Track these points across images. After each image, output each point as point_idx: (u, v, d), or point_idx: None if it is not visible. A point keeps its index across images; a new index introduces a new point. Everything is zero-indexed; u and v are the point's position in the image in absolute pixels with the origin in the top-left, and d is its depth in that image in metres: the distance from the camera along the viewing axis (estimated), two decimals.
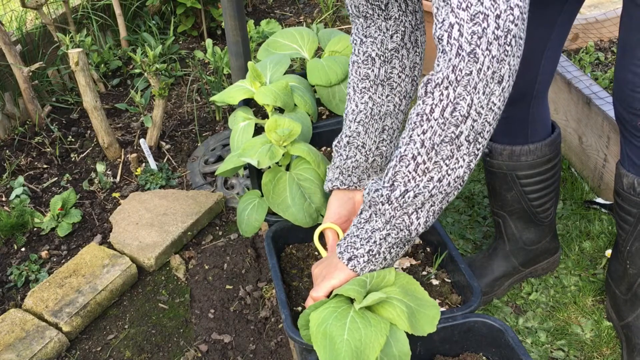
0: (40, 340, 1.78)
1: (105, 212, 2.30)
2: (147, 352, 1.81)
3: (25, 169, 2.52)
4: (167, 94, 2.42)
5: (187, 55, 3.26)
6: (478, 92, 0.98)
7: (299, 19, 3.54)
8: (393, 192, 1.07)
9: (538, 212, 1.74)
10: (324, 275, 1.19)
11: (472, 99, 0.99)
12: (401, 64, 1.33)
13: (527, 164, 1.65)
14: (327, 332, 1.05)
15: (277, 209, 1.43)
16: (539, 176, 1.68)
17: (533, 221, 1.77)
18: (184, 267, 2.05)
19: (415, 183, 1.05)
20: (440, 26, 0.97)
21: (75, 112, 2.85)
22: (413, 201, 1.06)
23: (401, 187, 1.06)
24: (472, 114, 1.00)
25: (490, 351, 1.25)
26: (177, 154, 2.58)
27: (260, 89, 1.71)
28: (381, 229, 1.11)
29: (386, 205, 1.08)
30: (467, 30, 0.94)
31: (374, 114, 1.36)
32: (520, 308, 1.81)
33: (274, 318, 1.85)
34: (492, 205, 1.80)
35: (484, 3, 0.93)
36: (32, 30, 2.88)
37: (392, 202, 1.07)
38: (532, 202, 1.72)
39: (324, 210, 1.43)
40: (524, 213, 1.75)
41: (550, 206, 1.75)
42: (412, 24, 1.31)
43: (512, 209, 1.75)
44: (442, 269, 1.42)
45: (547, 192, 1.72)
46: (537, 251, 1.83)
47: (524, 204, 1.72)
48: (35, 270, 2.07)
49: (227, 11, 2.20)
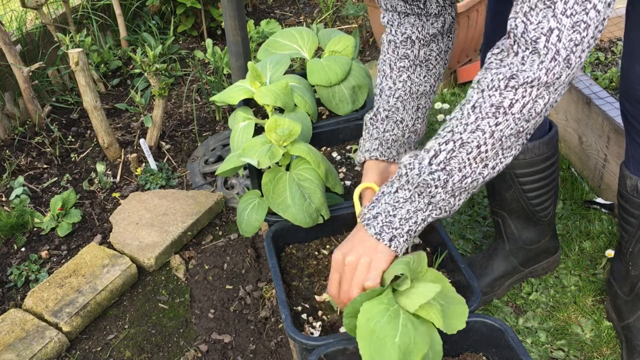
0: (40, 340, 1.78)
1: (105, 212, 2.30)
2: (147, 352, 1.81)
3: (25, 169, 2.52)
4: (167, 94, 2.42)
5: (187, 55, 3.26)
6: (558, 93, 1.03)
7: (299, 19, 3.54)
8: (451, 178, 1.07)
9: (537, 211, 1.74)
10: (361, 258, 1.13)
11: (549, 98, 1.03)
12: (438, 48, 1.39)
13: (525, 162, 1.65)
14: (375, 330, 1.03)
15: (277, 209, 1.43)
16: (537, 174, 1.68)
17: (532, 220, 1.76)
18: (184, 267, 2.05)
19: (471, 170, 1.07)
20: (535, 27, 0.99)
21: (75, 112, 2.85)
22: (466, 187, 1.08)
23: (458, 174, 1.07)
24: (544, 112, 1.05)
25: (490, 351, 1.25)
26: (177, 154, 2.58)
27: (260, 89, 1.71)
28: (424, 209, 1.12)
29: (439, 189, 1.09)
30: (566, 37, 0.97)
31: (412, 92, 1.41)
32: (520, 308, 1.81)
33: (274, 318, 1.85)
34: (491, 204, 1.80)
35: (589, 13, 0.96)
36: (32, 30, 2.88)
37: (447, 187, 1.08)
38: (531, 200, 1.72)
39: (324, 210, 1.43)
40: (523, 212, 1.74)
41: (550, 205, 1.75)
42: (452, 15, 1.38)
43: (511, 208, 1.74)
44: (442, 269, 1.42)
45: (545, 190, 1.71)
46: (537, 250, 1.83)
47: (522, 202, 1.72)
48: (35, 270, 2.07)
49: (227, 11, 2.20)
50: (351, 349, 1.20)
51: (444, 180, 1.08)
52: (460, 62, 2.77)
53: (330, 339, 1.20)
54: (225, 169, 1.48)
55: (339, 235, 1.53)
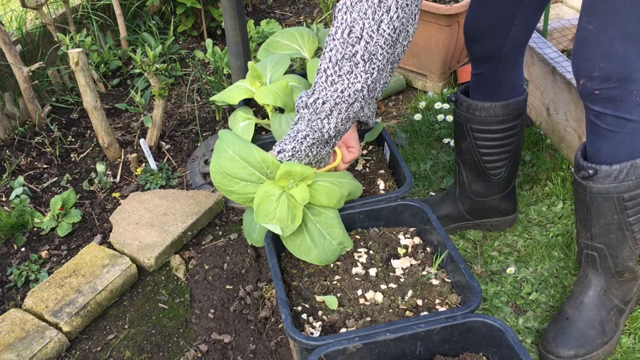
0: (40, 340, 1.78)
1: (105, 212, 2.30)
2: (147, 352, 1.81)
3: (25, 169, 2.52)
4: (167, 94, 2.42)
5: (187, 55, 3.26)
6: (368, 17, 1.23)
7: (299, 19, 3.54)
8: (309, 99, 1.33)
9: (487, 168, 1.91)
10: None
11: (364, 23, 1.24)
12: None
13: (479, 119, 1.81)
14: None
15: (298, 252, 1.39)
16: (490, 134, 1.84)
17: (482, 175, 1.93)
18: (184, 267, 2.05)
19: (325, 92, 1.31)
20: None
21: (75, 112, 2.85)
22: (323, 108, 1.32)
23: (315, 95, 1.33)
24: (364, 36, 1.25)
25: (490, 351, 1.25)
26: (177, 154, 2.58)
27: (260, 89, 1.71)
28: (303, 130, 1.38)
29: (305, 109, 1.35)
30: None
31: None
32: (520, 308, 1.81)
33: (274, 318, 1.85)
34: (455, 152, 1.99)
35: None
36: (32, 30, 2.88)
37: (309, 107, 1.34)
38: (482, 156, 1.88)
39: (347, 241, 1.41)
40: (474, 165, 1.92)
41: (501, 167, 1.90)
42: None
43: (465, 158, 1.92)
44: (442, 269, 1.42)
45: (497, 151, 1.87)
46: (485, 205, 1.99)
47: (474, 156, 1.89)
48: (35, 270, 2.07)
49: (227, 11, 2.20)
50: (351, 349, 1.20)
51: (305, 101, 1.34)
52: (460, 62, 2.77)
53: (330, 339, 1.20)
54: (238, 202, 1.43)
55: None
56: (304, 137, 1.37)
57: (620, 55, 1.37)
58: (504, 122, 1.81)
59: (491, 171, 1.90)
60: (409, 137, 2.51)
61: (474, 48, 1.75)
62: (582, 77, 1.45)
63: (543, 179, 2.22)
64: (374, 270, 1.44)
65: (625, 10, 1.33)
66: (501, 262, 1.95)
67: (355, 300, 1.37)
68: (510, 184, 1.97)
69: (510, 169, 1.92)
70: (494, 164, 1.89)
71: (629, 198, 1.51)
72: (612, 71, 1.39)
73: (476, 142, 1.86)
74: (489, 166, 1.90)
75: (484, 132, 1.83)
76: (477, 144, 1.86)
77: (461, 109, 1.84)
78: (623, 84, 1.40)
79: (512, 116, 1.81)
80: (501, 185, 1.96)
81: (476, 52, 1.75)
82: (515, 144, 1.88)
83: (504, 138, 1.84)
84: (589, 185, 1.53)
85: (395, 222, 1.55)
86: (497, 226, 2.05)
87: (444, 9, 2.44)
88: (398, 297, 1.37)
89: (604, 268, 1.63)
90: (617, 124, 1.45)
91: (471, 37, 1.74)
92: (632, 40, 1.36)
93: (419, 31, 2.58)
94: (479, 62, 1.77)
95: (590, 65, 1.41)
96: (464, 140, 1.88)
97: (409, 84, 2.84)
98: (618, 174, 1.49)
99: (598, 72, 1.40)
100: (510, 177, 1.96)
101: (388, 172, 1.68)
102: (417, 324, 1.22)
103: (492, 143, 1.85)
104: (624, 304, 1.67)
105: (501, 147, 1.86)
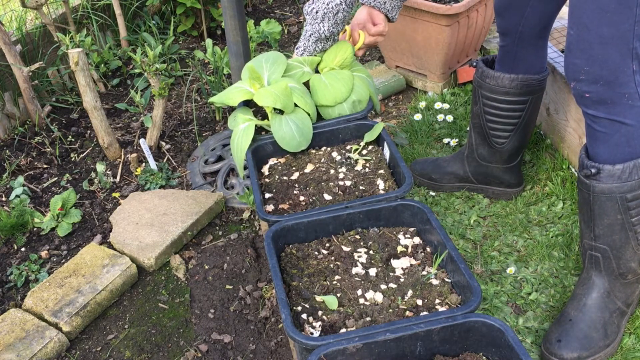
0: (40, 340, 1.78)
1: (105, 212, 2.30)
2: (147, 352, 1.81)
3: (25, 169, 2.53)
4: (167, 94, 2.42)
5: (187, 55, 3.26)
6: None
7: (299, 19, 3.54)
8: (309, 8, 1.74)
9: (491, 135, 2.04)
10: None
11: None
12: None
13: (488, 86, 1.95)
14: None
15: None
16: (495, 102, 1.97)
17: (487, 141, 2.06)
18: (184, 267, 2.05)
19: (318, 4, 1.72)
20: None
21: (75, 112, 2.85)
22: (317, 15, 1.74)
23: (313, 5, 1.73)
24: None
25: (490, 351, 1.25)
26: (177, 154, 2.58)
27: (259, 91, 1.71)
28: (309, 30, 1.79)
29: (308, 16, 1.76)
30: None
31: None
32: (520, 308, 1.81)
33: (274, 318, 1.85)
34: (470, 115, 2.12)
35: None
36: (32, 30, 2.88)
37: (309, 14, 1.75)
38: (488, 123, 2.02)
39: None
40: (480, 129, 2.06)
41: (504, 137, 2.02)
42: None
43: (475, 122, 2.07)
44: (442, 269, 1.42)
45: (502, 121, 2.00)
46: (489, 171, 2.12)
47: (482, 120, 2.03)
48: (35, 270, 2.07)
49: (227, 11, 2.20)
50: (351, 349, 1.20)
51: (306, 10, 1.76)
52: (460, 62, 2.77)
53: (330, 339, 1.20)
54: None
55: (339, 234, 1.53)
56: (310, 36, 1.80)
57: (601, 58, 1.41)
58: (510, 95, 1.93)
59: (494, 138, 2.04)
60: (408, 137, 2.51)
61: (498, 21, 1.92)
62: (572, 80, 1.50)
63: (543, 179, 2.22)
64: (373, 270, 1.44)
65: (595, 15, 1.38)
66: (501, 262, 1.95)
67: (355, 300, 1.37)
68: (514, 158, 2.08)
69: (514, 143, 2.03)
70: (497, 132, 2.02)
71: (632, 198, 1.51)
72: (597, 74, 1.43)
73: (484, 108, 2.00)
74: (493, 133, 2.03)
75: (491, 100, 1.97)
76: (485, 110, 2.00)
77: (477, 74, 2.00)
78: (612, 87, 1.43)
79: (518, 91, 1.92)
80: (504, 156, 2.08)
81: (499, 25, 1.92)
82: (523, 120, 1.99)
83: (508, 110, 1.97)
84: (592, 184, 1.54)
85: (395, 222, 1.55)
86: (499, 195, 2.17)
87: (444, 9, 2.44)
88: (398, 297, 1.37)
89: (607, 270, 1.63)
90: (612, 127, 1.48)
91: (496, 11, 1.90)
92: (610, 44, 1.39)
93: (419, 31, 2.58)
94: (501, 35, 1.93)
95: (576, 68, 1.47)
96: (475, 104, 2.03)
97: (409, 84, 2.84)
98: (621, 173, 1.50)
99: (584, 75, 1.46)
100: (515, 152, 2.06)
101: (388, 172, 1.68)
102: (417, 324, 1.22)
103: (497, 112, 1.98)
104: (626, 307, 1.67)
105: (505, 117, 1.98)
